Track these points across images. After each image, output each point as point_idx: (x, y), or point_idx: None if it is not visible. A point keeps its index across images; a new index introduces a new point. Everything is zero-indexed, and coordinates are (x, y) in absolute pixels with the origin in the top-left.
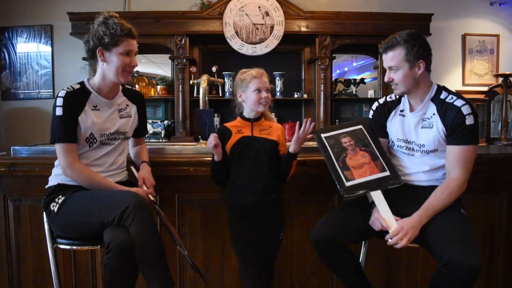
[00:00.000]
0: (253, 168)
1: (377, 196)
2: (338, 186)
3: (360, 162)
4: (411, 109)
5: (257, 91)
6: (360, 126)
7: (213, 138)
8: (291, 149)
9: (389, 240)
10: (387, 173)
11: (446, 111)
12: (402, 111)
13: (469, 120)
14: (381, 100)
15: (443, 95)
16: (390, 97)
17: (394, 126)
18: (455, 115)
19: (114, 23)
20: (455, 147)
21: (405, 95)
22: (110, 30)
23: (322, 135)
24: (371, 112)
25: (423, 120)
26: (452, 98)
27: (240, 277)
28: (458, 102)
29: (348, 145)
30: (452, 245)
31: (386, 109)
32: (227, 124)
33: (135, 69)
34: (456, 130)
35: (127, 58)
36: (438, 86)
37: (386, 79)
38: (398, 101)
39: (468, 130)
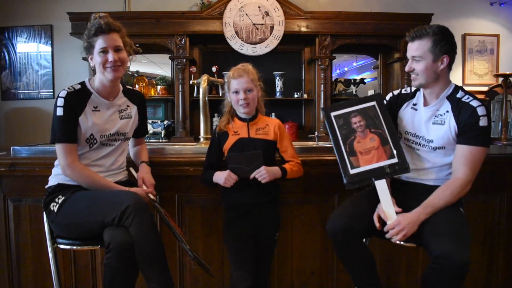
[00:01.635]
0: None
1: (381, 186)
2: (343, 174)
3: (368, 146)
4: (425, 104)
5: (235, 93)
6: (374, 103)
7: (232, 179)
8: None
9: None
10: (395, 159)
11: (461, 110)
12: (415, 104)
13: (483, 122)
14: (396, 92)
15: (459, 94)
16: (405, 90)
17: (405, 119)
18: (470, 115)
19: (91, 25)
20: (465, 146)
21: (421, 89)
22: (86, 34)
23: (332, 114)
24: (384, 102)
25: (435, 116)
26: (468, 98)
27: None
28: (474, 103)
29: (358, 126)
30: (443, 239)
31: (400, 100)
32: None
33: (135, 69)
34: (468, 130)
35: (104, 56)
36: (456, 85)
37: (407, 69)
38: (412, 95)
39: (480, 131)
